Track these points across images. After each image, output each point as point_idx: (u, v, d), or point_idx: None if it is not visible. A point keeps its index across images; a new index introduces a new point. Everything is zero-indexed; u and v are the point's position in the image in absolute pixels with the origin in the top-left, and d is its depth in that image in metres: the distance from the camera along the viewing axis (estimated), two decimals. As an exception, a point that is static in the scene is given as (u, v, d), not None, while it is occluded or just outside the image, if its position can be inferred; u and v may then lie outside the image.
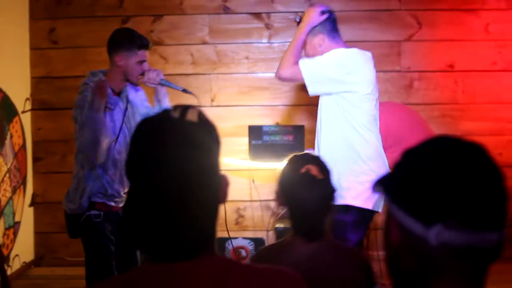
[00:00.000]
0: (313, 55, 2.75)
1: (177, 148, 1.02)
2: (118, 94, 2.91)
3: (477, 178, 0.93)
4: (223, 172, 1.09)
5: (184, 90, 3.02)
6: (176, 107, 1.07)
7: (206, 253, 1.06)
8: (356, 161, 2.62)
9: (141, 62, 2.86)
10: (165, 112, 1.07)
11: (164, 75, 4.34)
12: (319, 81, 2.65)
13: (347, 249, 1.92)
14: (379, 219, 2.68)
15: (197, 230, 1.04)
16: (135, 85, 2.95)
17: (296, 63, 2.67)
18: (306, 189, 1.80)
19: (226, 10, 4.38)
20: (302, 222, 1.82)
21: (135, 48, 2.83)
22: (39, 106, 4.40)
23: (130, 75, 2.86)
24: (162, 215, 1.02)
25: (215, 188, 1.07)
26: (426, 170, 0.96)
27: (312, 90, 2.67)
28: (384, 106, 3.64)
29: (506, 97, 4.31)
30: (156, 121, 1.06)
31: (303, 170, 1.82)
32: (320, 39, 2.74)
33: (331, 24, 2.78)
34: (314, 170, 1.81)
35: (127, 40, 2.84)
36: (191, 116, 1.06)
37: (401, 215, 0.95)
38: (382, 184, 1.00)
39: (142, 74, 2.89)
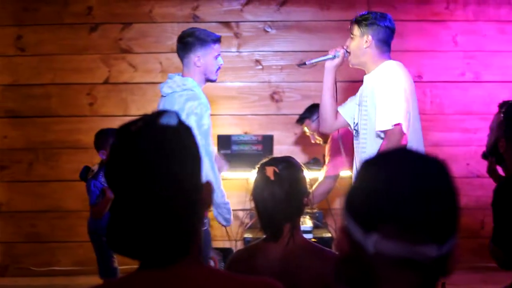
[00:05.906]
0: (358, 54, 2.77)
1: (160, 153, 1.01)
2: None
3: (421, 190, 0.91)
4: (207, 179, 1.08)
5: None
6: (154, 112, 1.06)
7: (190, 260, 1.05)
8: None
9: (217, 56, 2.85)
10: (145, 118, 1.05)
11: (133, 83, 4.38)
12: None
13: (318, 249, 1.94)
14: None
15: (181, 236, 1.03)
16: (213, 81, 2.92)
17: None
18: (259, 189, 1.88)
19: (195, 19, 4.36)
20: (260, 221, 1.89)
21: (210, 43, 2.82)
22: (5, 114, 4.34)
23: (209, 73, 2.85)
24: (145, 221, 1.00)
25: (198, 193, 1.06)
26: (369, 177, 0.97)
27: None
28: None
29: (474, 108, 4.33)
30: (137, 127, 1.04)
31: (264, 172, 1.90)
32: (369, 42, 2.74)
33: (385, 34, 2.77)
34: (269, 171, 1.86)
35: (200, 37, 2.81)
36: (171, 120, 1.04)
37: (348, 221, 0.95)
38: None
39: (219, 69, 2.87)
